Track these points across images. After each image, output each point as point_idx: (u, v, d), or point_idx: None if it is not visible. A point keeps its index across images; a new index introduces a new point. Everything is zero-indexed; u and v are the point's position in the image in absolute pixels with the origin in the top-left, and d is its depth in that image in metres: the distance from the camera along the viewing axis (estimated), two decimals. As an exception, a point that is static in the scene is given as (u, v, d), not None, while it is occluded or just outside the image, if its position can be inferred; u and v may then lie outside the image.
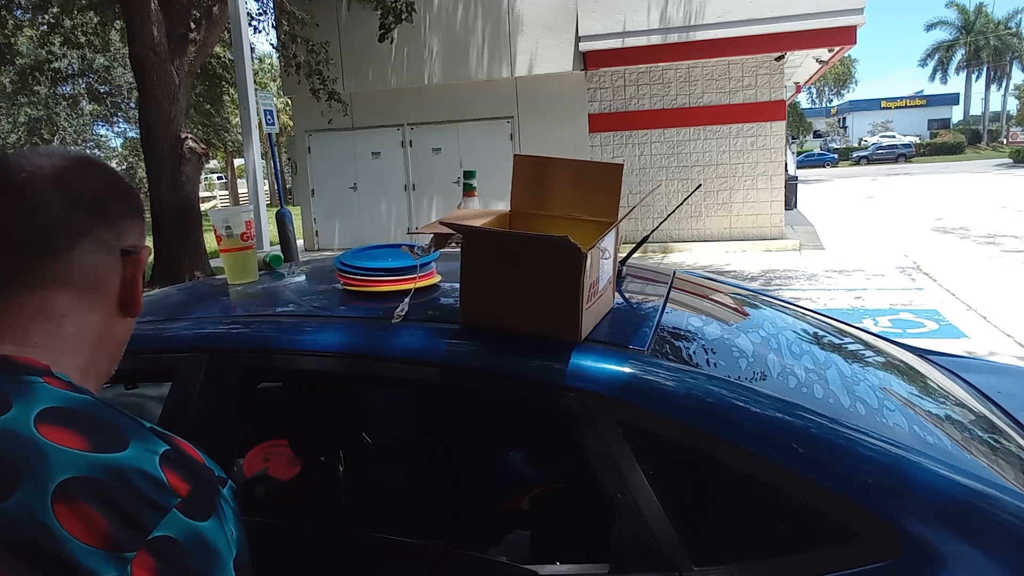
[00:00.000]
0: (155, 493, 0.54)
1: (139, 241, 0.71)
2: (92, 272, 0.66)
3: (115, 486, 0.53)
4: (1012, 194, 19.02)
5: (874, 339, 2.13)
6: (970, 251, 10.36)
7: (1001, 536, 1.09)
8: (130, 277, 0.69)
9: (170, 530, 0.54)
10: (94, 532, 0.51)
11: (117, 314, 0.70)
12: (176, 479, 0.56)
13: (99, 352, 0.69)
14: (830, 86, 60.54)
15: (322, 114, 11.66)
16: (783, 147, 12.19)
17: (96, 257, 0.66)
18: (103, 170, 0.70)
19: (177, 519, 0.54)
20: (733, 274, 9.21)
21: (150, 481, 0.55)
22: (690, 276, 2.25)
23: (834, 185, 27.57)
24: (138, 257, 0.70)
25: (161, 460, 0.57)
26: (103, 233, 0.67)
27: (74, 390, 0.60)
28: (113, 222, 0.68)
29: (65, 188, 0.65)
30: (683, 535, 1.14)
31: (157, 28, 9.29)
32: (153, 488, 0.55)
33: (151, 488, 0.54)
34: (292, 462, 1.94)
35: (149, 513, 0.53)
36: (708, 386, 1.24)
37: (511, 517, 1.73)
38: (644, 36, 11.00)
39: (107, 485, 0.53)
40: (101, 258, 0.66)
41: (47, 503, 0.50)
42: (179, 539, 0.54)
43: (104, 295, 0.68)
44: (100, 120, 24.86)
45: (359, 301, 1.59)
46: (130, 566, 0.51)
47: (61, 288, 0.65)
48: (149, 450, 0.57)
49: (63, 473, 0.52)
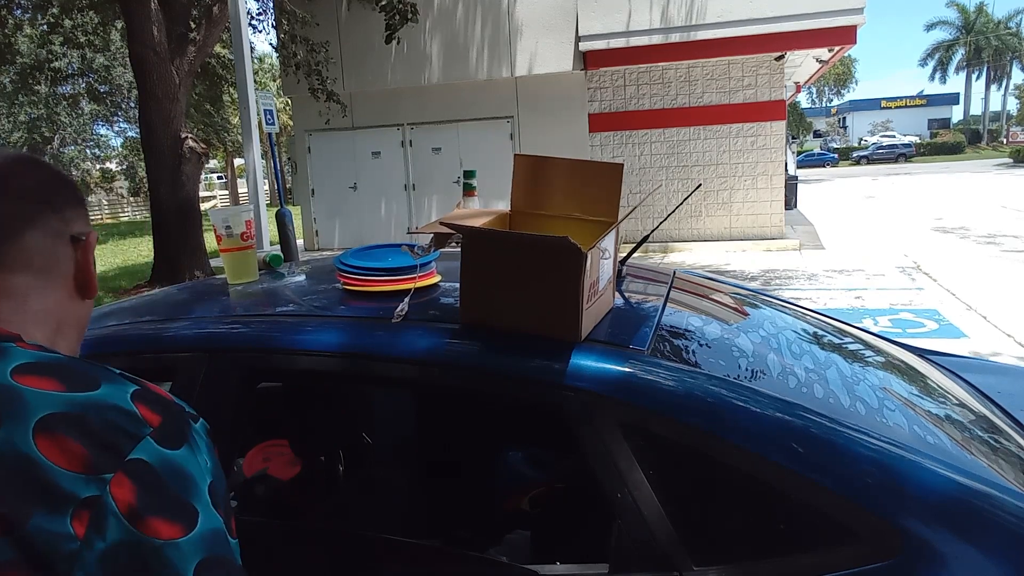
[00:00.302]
0: (128, 423, 0.59)
1: (86, 228, 0.77)
2: (45, 256, 0.72)
3: (91, 418, 0.58)
4: (1012, 194, 19.02)
5: (874, 339, 2.13)
6: (970, 251, 10.36)
7: (1001, 536, 1.09)
8: (82, 260, 0.75)
9: (144, 454, 0.58)
10: (74, 459, 0.56)
11: (75, 295, 0.76)
12: (148, 411, 0.62)
13: (63, 329, 0.75)
14: (830, 86, 60.53)
15: (320, 114, 11.66)
16: (783, 147, 12.19)
17: (47, 242, 0.72)
18: (44, 167, 0.77)
19: (151, 445, 0.59)
20: (733, 274, 9.21)
21: (123, 413, 0.60)
22: (690, 276, 2.25)
23: (834, 185, 27.57)
24: (87, 243, 0.76)
25: (133, 396, 0.62)
26: (52, 221, 0.73)
27: (45, 351, 0.65)
28: (59, 211, 0.74)
29: (12, 182, 0.72)
30: (683, 535, 1.14)
31: (157, 28, 9.29)
32: (126, 419, 0.60)
33: (124, 419, 0.60)
34: (292, 462, 1.94)
35: (124, 440, 0.58)
36: (708, 386, 1.24)
37: (511, 517, 1.73)
38: (644, 36, 10.99)
39: (84, 417, 0.58)
40: (52, 243, 0.73)
41: (28, 436, 0.56)
42: (152, 463, 0.58)
43: (60, 277, 0.74)
44: (100, 119, 24.86)
45: (359, 301, 1.59)
46: (108, 486, 0.56)
47: (20, 270, 0.70)
48: (120, 389, 0.62)
49: (42, 411, 0.57)
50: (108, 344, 1.52)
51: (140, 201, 31.36)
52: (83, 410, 0.59)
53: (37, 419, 0.57)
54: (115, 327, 1.58)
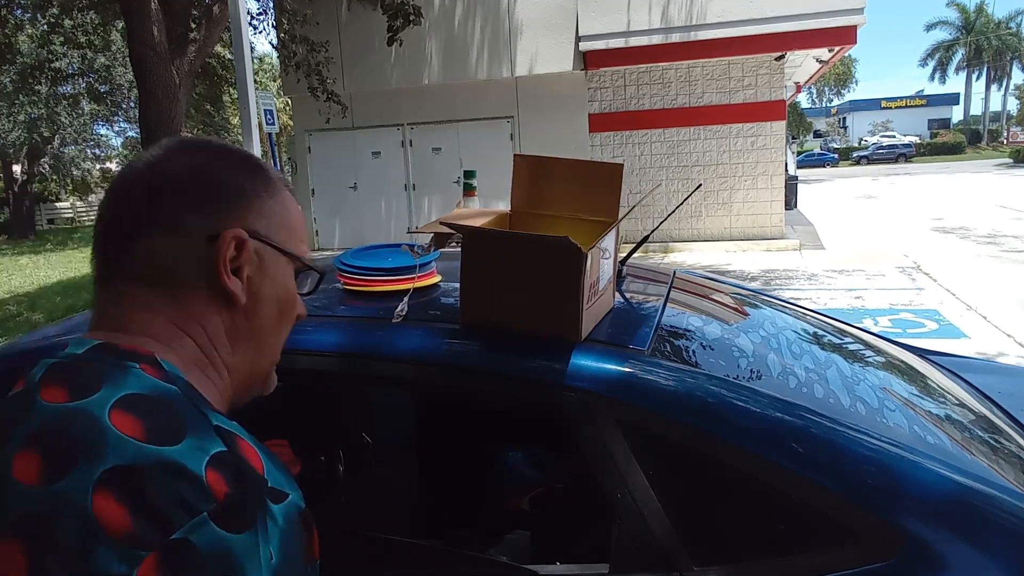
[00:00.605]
0: (190, 493, 0.51)
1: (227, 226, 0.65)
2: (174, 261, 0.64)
3: (152, 479, 0.50)
4: (1012, 194, 19.02)
5: (874, 339, 2.13)
6: (970, 251, 10.36)
7: (1001, 536, 1.09)
8: (217, 264, 0.64)
9: (194, 535, 0.49)
10: (118, 526, 0.48)
11: (220, 304, 0.66)
12: (218, 481, 0.52)
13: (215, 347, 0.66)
14: (830, 86, 60.52)
15: (320, 113, 11.66)
16: (783, 147, 12.19)
17: (177, 245, 0.63)
18: (201, 153, 0.67)
19: (206, 524, 0.50)
20: (733, 274, 9.21)
21: (189, 479, 0.51)
22: (690, 276, 2.25)
23: (834, 185, 27.56)
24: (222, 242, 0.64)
25: (210, 460, 0.53)
26: (186, 220, 0.64)
27: (166, 379, 0.59)
28: (198, 208, 0.64)
29: (149, 176, 0.65)
30: (683, 535, 1.14)
31: (157, 28, 9.29)
32: (189, 487, 0.51)
33: (187, 487, 0.51)
34: (292, 462, 1.94)
35: (176, 513, 0.50)
36: (708, 386, 1.24)
37: (511, 517, 1.73)
38: (644, 36, 10.99)
39: (145, 477, 0.50)
40: (184, 245, 0.64)
41: (89, 488, 0.49)
42: (199, 546, 0.49)
43: (195, 284, 0.64)
44: (100, 119, 24.85)
45: (359, 301, 1.59)
46: (138, 566, 0.47)
47: (149, 276, 0.63)
48: (201, 448, 0.54)
49: (112, 460, 0.50)
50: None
51: (140, 201, 31.27)
52: (147, 468, 0.50)
53: (104, 469, 0.49)
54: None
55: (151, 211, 0.64)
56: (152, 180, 0.65)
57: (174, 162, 0.66)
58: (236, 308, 0.66)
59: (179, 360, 0.63)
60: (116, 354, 0.60)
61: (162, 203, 0.64)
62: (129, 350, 0.60)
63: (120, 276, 0.64)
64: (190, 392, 0.60)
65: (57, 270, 13.25)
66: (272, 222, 0.69)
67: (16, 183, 22.84)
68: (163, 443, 0.52)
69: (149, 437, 0.52)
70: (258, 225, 0.67)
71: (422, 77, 12.33)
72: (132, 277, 0.64)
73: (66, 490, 0.49)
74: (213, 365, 0.67)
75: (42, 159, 23.64)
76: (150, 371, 0.58)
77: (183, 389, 0.59)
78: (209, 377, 0.66)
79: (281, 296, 0.71)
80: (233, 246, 0.64)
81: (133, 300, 0.64)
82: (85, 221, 30.49)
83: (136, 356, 0.59)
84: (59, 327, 1.71)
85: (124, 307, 0.64)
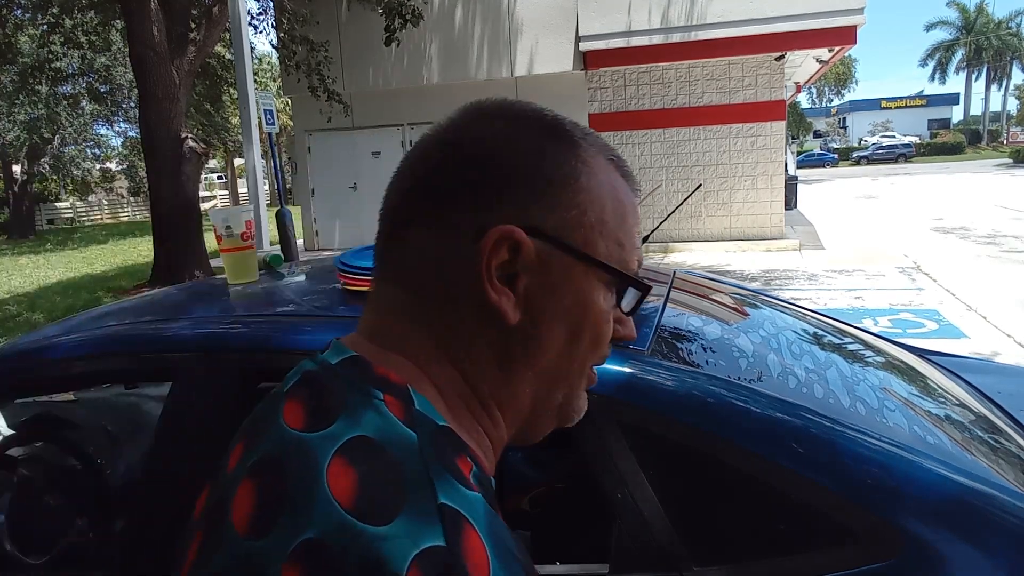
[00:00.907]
0: None
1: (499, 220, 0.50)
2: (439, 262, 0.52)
3: (344, 567, 0.40)
4: (1012, 194, 19.03)
5: (874, 339, 2.13)
6: (970, 251, 10.36)
7: (1001, 536, 1.09)
8: (480, 269, 0.50)
9: None
10: None
11: (487, 321, 0.52)
12: None
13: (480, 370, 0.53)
14: (830, 86, 60.52)
15: (320, 112, 11.67)
16: (783, 147, 12.19)
17: (442, 241, 0.52)
18: (494, 122, 0.55)
19: None
20: (733, 274, 9.21)
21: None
22: (690, 276, 2.25)
23: (834, 185, 27.58)
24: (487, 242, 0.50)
25: (417, 556, 0.40)
26: (453, 209, 0.52)
27: (409, 422, 0.47)
28: (466, 194, 0.52)
29: (431, 149, 0.55)
30: (683, 535, 1.14)
31: (157, 28, 9.30)
32: None
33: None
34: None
35: None
36: (708, 386, 1.24)
37: (511, 517, 1.73)
38: (644, 36, 11.00)
39: (338, 562, 0.40)
40: (450, 242, 0.51)
41: (284, 557, 0.41)
42: None
43: (461, 294, 0.52)
44: (100, 119, 24.88)
45: (359, 301, 1.58)
46: None
47: (411, 279, 0.53)
48: (412, 535, 0.41)
49: (313, 529, 0.41)
50: (108, 344, 1.52)
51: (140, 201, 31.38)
52: (344, 553, 0.40)
53: (301, 540, 0.41)
54: (115, 327, 1.58)
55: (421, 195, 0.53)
56: (431, 154, 0.55)
57: (459, 132, 0.55)
58: (506, 328, 0.52)
59: (438, 393, 0.52)
60: (365, 377, 0.50)
61: (432, 185, 0.53)
62: (380, 376, 0.50)
63: (386, 273, 0.55)
64: (435, 441, 0.47)
65: (57, 270, 13.25)
66: (569, 215, 0.53)
67: (16, 183, 22.86)
68: (370, 519, 0.41)
69: (357, 507, 0.42)
70: (548, 218, 0.52)
71: (422, 77, 12.33)
72: (396, 276, 0.54)
73: (263, 552, 0.42)
74: (479, 399, 0.54)
75: (42, 159, 23.66)
76: (395, 408, 0.48)
77: (425, 438, 0.47)
78: (474, 414, 0.54)
79: (576, 316, 0.54)
80: (505, 248, 0.50)
81: (395, 306, 0.54)
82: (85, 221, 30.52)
83: (385, 385, 0.49)
84: (59, 327, 1.71)
85: (384, 313, 0.55)
